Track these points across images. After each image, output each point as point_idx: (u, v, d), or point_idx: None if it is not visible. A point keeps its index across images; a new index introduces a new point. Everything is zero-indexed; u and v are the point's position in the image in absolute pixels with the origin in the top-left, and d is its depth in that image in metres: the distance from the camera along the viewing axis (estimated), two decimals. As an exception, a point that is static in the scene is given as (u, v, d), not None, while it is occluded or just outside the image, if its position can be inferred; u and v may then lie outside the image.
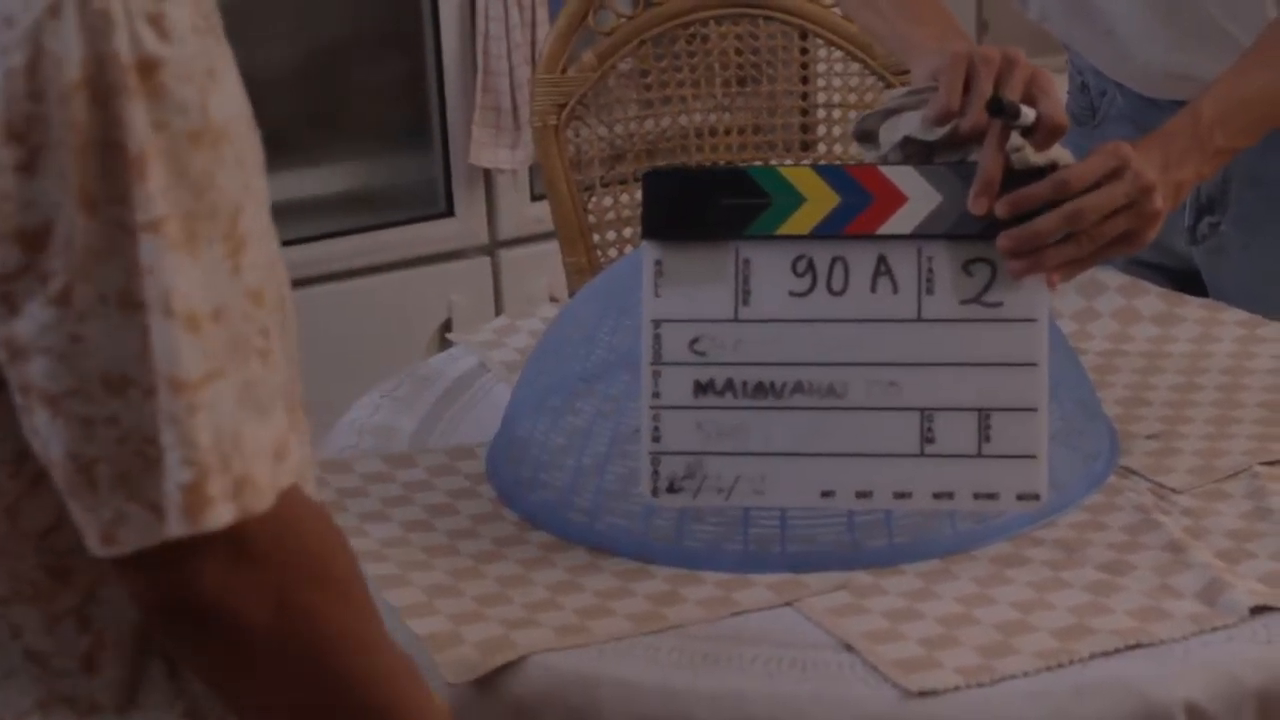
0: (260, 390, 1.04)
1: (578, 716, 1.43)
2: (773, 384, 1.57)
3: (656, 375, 1.57)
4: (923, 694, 1.38)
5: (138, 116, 0.98)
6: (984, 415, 1.55)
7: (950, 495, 1.56)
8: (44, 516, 1.08)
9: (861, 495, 1.56)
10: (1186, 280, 2.15)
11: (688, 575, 1.57)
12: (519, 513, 1.70)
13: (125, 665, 1.13)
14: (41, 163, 0.98)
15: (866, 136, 1.69)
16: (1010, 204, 1.55)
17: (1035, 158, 1.57)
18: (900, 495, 1.56)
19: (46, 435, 1.01)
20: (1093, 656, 1.42)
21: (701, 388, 1.57)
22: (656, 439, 1.57)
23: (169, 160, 0.99)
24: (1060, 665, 1.41)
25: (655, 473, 1.57)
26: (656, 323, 1.58)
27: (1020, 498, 1.55)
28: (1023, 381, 1.55)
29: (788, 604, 1.52)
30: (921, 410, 1.55)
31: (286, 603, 1.05)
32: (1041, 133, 1.58)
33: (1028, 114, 1.57)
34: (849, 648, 1.45)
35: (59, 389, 0.99)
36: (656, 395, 1.57)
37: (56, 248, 0.98)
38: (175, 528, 1.00)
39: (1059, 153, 1.60)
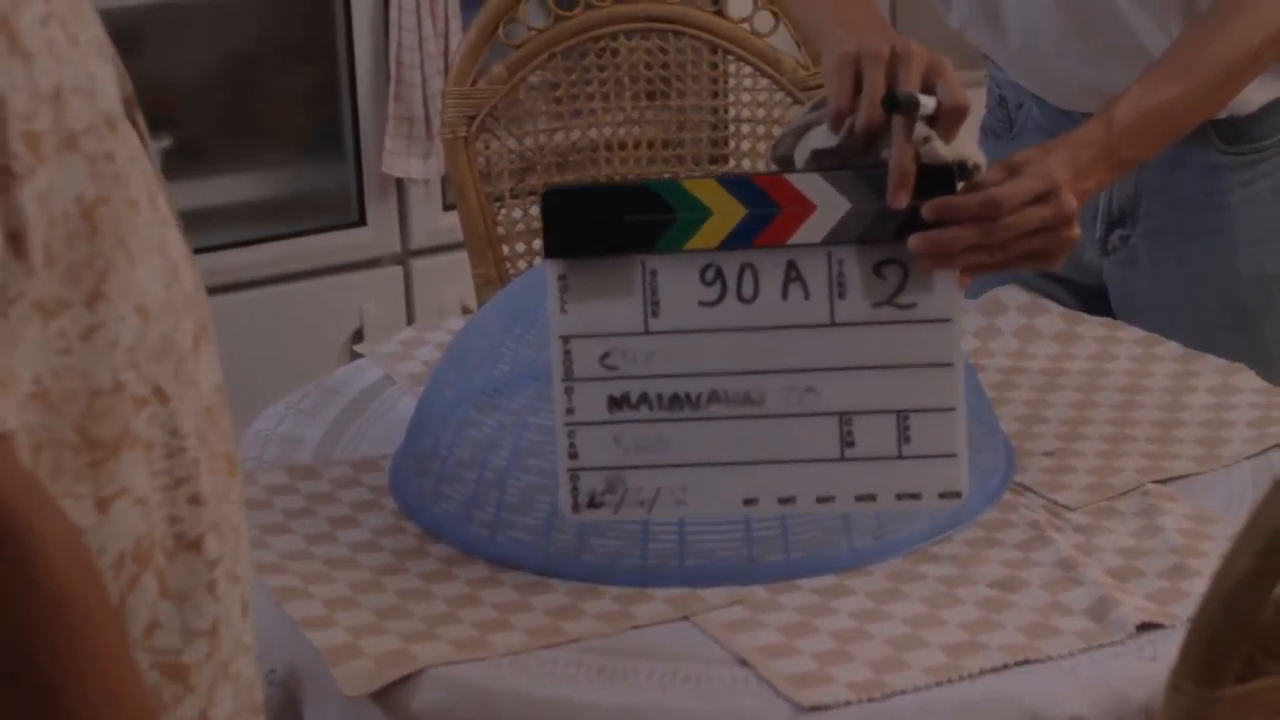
0: None
1: (475, 730, 1.44)
2: (688, 395, 1.57)
3: (569, 392, 1.57)
4: (814, 709, 1.40)
5: None
6: (903, 416, 1.56)
7: (873, 497, 1.57)
8: None
9: (784, 501, 1.57)
10: (1092, 296, 2.18)
11: (587, 589, 1.59)
12: (421, 525, 1.70)
13: None
14: None
15: (784, 162, 1.69)
16: (936, 209, 1.56)
17: (944, 151, 1.58)
18: (823, 499, 1.57)
19: None
20: (982, 672, 1.44)
21: (616, 402, 1.57)
22: (573, 455, 1.56)
23: None
24: (950, 681, 1.43)
25: (575, 489, 1.57)
26: (565, 339, 1.57)
27: (942, 496, 1.56)
28: (939, 381, 1.56)
29: (685, 618, 1.54)
30: (840, 414, 1.56)
31: None
32: (945, 117, 1.58)
33: (927, 103, 1.57)
34: (744, 662, 1.47)
35: None
36: (570, 411, 1.57)
37: None
38: None
39: (969, 148, 1.61)
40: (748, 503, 1.57)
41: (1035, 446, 1.82)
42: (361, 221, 3.23)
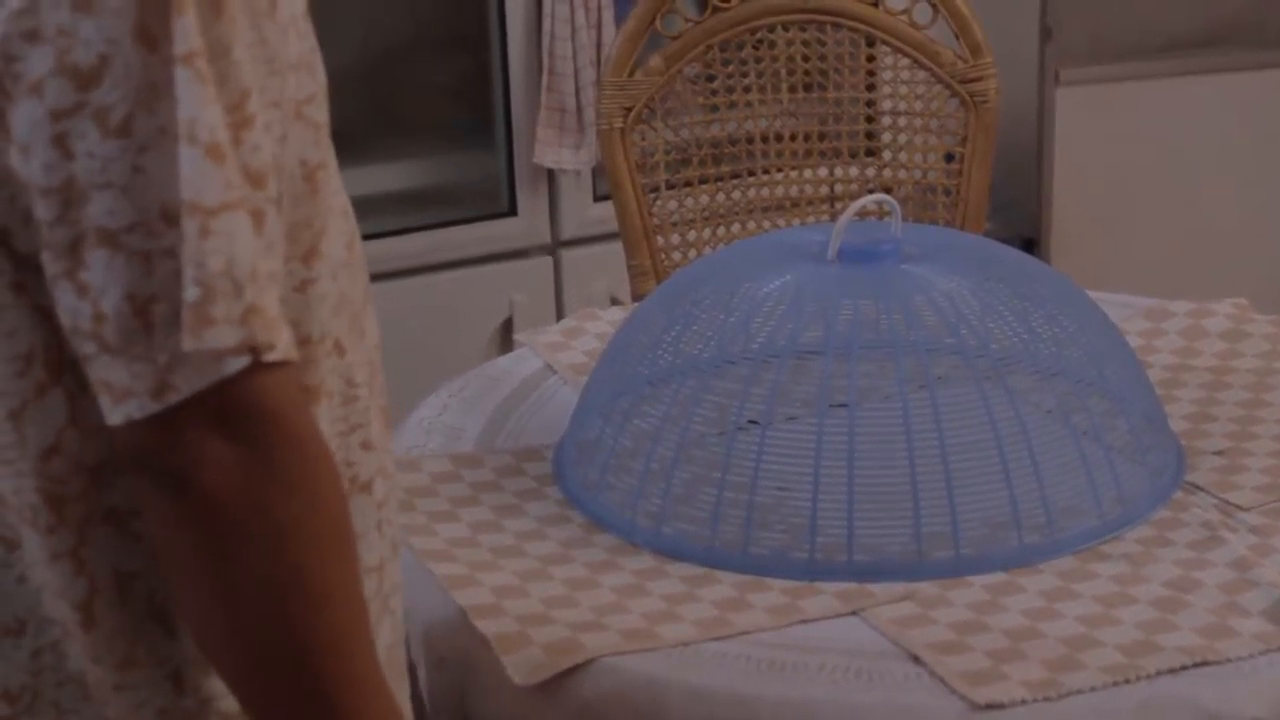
0: None
1: (644, 720, 1.44)
2: None
3: None
4: (989, 706, 1.39)
5: None
6: None
7: None
8: (47, 434, 1.07)
9: None
10: None
11: (754, 582, 1.58)
12: (586, 515, 1.71)
13: (119, 613, 1.11)
14: (97, 0, 0.98)
15: None
16: None
17: None
18: None
19: (102, 284, 0.99)
20: (1159, 673, 1.42)
21: None
22: None
23: (199, 10, 1.00)
24: (1126, 681, 1.41)
25: None
26: None
27: None
28: None
29: (854, 613, 1.53)
30: None
31: (259, 499, 1.00)
32: None
33: None
34: (915, 658, 1.46)
35: (121, 223, 0.99)
36: None
37: (113, 82, 0.98)
38: (185, 343, 0.98)
39: None
40: None
41: (1205, 445, 1.79)
42: (512, 212, 3.23)
